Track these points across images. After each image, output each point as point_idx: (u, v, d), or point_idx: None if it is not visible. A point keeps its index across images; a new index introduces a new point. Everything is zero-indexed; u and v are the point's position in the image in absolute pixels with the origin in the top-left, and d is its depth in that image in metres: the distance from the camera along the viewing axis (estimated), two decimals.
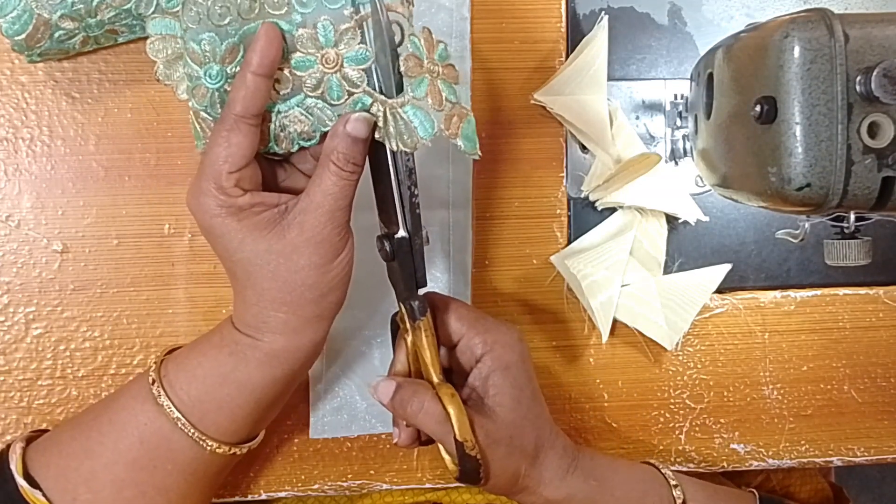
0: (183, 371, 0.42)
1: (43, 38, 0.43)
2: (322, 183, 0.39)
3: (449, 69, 0.41)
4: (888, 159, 0.38)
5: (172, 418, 0.41)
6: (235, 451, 0.43)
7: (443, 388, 0.43)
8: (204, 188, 0.38)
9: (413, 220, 0.42)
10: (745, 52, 0.43)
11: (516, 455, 0.43)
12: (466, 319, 0.45)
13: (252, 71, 0.37)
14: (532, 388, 0.45)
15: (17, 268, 0.50)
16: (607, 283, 0.53)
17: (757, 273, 0.57)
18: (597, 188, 0.54)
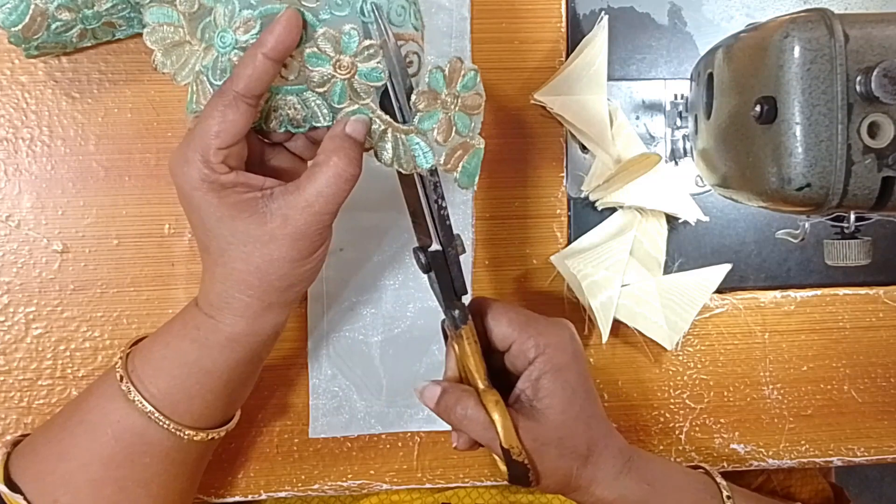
0: (149, 364, 0.41)
1: (40, 29, 0.43)
2: (316, 182, 0.38)
3: (473, 98, 0.41)
4: (888, 159, 0.38)
5: (145, 412, 0.41)
6: (213, 436, 0.43)
7: (487, 395, 0.43)
8: (189, 157, 0.37)
9: (444, 232, 0.42)
10: (745, 52, 0.43)
11: (567, 456, 0.43)
12: (517, 323, 0.44)
13: (264, 52, 0.37)
14: (585, 387, 0.45)
15: (17, 268, 0.50)
16: (607, 283, 0.53)
17: (757, 273, 0.57)
18: (597, 188, 0.54)
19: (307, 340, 0.53)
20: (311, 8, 0.38)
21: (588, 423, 0.44)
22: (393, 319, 0.54)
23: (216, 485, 0.53)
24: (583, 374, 0.45)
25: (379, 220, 0.53)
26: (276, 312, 0.41)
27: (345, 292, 0.53)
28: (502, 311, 0.45)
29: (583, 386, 0.44)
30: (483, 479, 0.56)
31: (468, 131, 0.41)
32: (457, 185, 0.42)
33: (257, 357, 0.43)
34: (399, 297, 0.54)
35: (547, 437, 0.43)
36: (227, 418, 0.45)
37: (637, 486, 0.45)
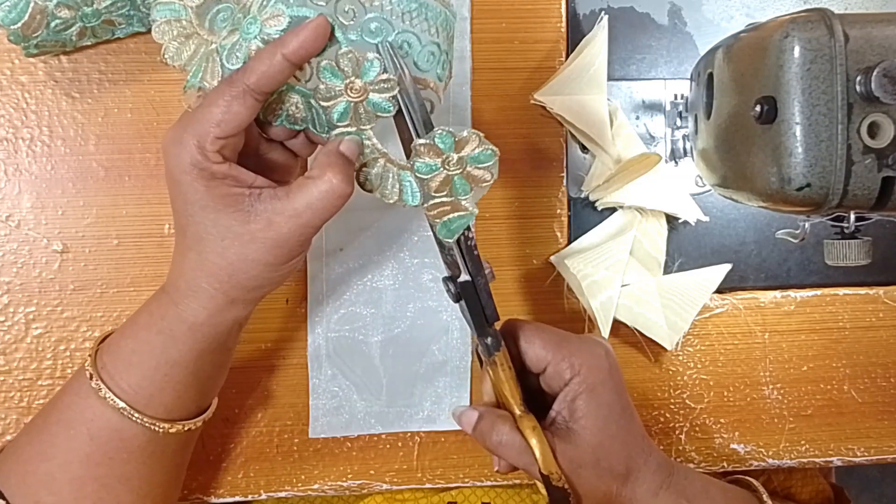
0: (119, 360, 0.41)
1: (39, 27, 0.43)
2: (308, 193, 0.38)
3: (482, 172, 0.40)
4: (888, 159, 0.38)
5: (118, 408, 0.41)
6: (190, 427, 0.43)
7: (524, 420, 0.43)
8: (184, 140, 0.37)
9: (472, 261, 0.43)
10: (745, 52, 0.43)
11: (606, 477, 0.43)
12: (551, 344, 0.44)
13: (285, 53, 0.36)
14: (622, 404, 0.44)
15: (17, 268, 0.50)
16: (607, 283, 0.53)
17: (757, 273, 0.57)
18: (597, 188, 0.54)
19: (307, 340, 0.53)
20: (344, 25, 0.38)
21: (625, 442, 0.44)
22: (393, 319, 0.54)
23: (216, 485, 0.53)
24: (619, 392, 0.44)
25: (379, 219, 0.53)
26: (239, 308, 0.41)
27: (345, 292, 0.53)
28: (535, 333, 0.45)
29: (619, 404, 0.44)
30: (483, 479, 0.56)
31: (465, 196, 0.41)
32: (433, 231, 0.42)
33: (222, 347, 0.43)
34: (399, 297, 0.54)
35: (584, 459, 0.42)
36: (202, 409, 0.45)
37: (677, 502, 0.45)
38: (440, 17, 0.40)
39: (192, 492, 0.53)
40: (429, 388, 0.54)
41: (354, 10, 0.38)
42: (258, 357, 0.53)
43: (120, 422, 0.41)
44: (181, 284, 0.40)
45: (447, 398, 0.54)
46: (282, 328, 0.53)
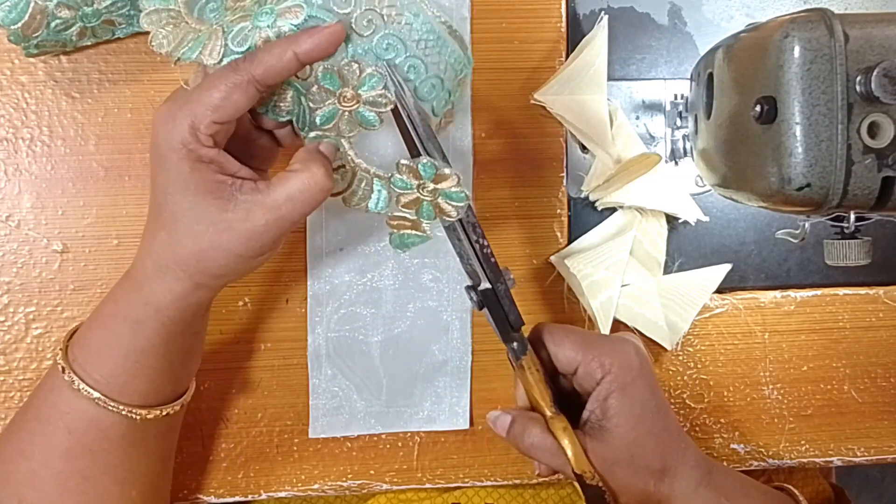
0: (89, 352, 0.41)
1: (39, 27, 0.43)
2: (289, 186, 0.38)
3: (448, 207, 0.41)
4: (888, 159, 0.38)
5: (93, 399, 0.40)
6: (168, 412, 0.43)
7: (555, 422, 0.43)
8: (179, 118, 0.37)
9: (491, 269, 0.43)
10: (745, 52, 0.43)
11: (641, 474, 0.43)
12: (580, 345, 0.44)
13: (296, 51, 0.36)
14: (655, 401, 0.44)
15: (17, 268, 0.50)
16: (607, 283, 0.53)
17: (757, 273, 0.57)
18: (597, 188, 0.54)
19: (307, 340, 0.53)
20: (358, 36, 0.38)
21: (659, 438, 0.44)
22: (393, 319, 0.54)
23: (216, 485, 0.53)
24: (651, 389, 0.44)
25: (379, 219, 0.53)
26: (203, 292, 0.40)
27: (345, 292, 0.53)
28: (564, 335, 0.45)
29: (652, 401, 0.44)
30: (483, 479, 0.56)
31: (428, 221, 0.42)
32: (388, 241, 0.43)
33: (189, 330, 0.42)
34: (399, 297, 0.54)
35: (618, 457, 0.42)
36: (179, 393, 0.45)
37: (715, 499, 0.44)
38: (454, 56, 0.41)
39: (192, 492, 0.53)
40: (429, 388, 0.54)
41: (374, 23, 0.39)
42: (258, 357, 0.53)
43: (96, 412, 0.41)
44: (148, 264, 0.40)
45: (447, 398, 0.55)
46: (282, 328, 0.53)
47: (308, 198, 0.38)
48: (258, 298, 0.53)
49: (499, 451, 0.56)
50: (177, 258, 0.39)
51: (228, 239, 0.38)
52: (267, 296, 0.53)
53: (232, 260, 0.39)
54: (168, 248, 0.39)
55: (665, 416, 0.45)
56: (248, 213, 0.38)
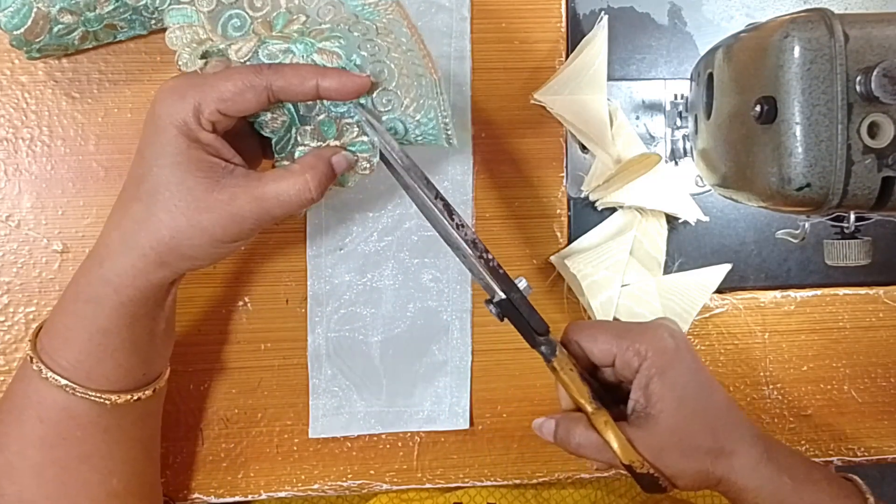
0: (54, 338, 0.41)
1: (42, 32, 0.43)
2: (280, 185, 0.38)
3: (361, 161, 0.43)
4: (888, 159, 0.38)
5: (62, 387, 0.40)
6: (140, 396, 0.43)
7: (597, 417, 0.43)
8: (187, 96, 0.37)
9: (500, 281, 0.44)
10: (745, 52, 0.43)
11: (693, 455, 0.43)
12: (613, 336, 0.44)
13: (321, 83, 0.38)
14: (698, 381, 0.44)
15: (17, 268, 0.50)
16: (607, 283, 0.53)
17: (757, 273, 0.57)
18: (597, 188, 0.54)
19: (307, 340, 0.53)
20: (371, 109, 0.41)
21: (707, 418, 0.43)
22: (393, 319, 0.54)
23: (216, 485, 0.53)
24: (692, 370, 0.44)
25: (379, 219, 0.53)
26: (165, 273, 0.40)
27: (345, 292, 0.53)
28: (596, 330, 0.45)
29: (694, 381, 0.44)
30: (483, 479, 0.56)
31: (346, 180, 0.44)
32: None
33: (151, 313, 0.42)
34: (399, 297, 0.54)
35: (666, 442, 0.42)
36: (151, 378, 0.44)
37: (777, 478, 0.44)
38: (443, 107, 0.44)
39: (192, 491, 0.53)
40: (429, 388, 0.54)
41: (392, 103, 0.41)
42: (258, 357, 0.53)
43: (66, 400, 0.41)
44: (114, 238, 0.39)
45: (447, 398, 0.55)
46: (282, 328, 0.53)
47: (294, 201, 0.39)
48: (258, 298, 0.53)
49: (499, 451, 0.56)
50: (148, 232, 0.38)
51: (208, 219, 0.38)
52: (267, 296, 0.53)
53: (206, 241, 0.39)
54: (141, 222, 0.38)
55: (712, 394, 0.44)
56: (234, 198, 0.38)
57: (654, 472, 0.42)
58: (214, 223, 0.38)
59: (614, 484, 0.59)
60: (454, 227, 0.43)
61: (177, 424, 0.53)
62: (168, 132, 0.37)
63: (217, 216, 0.38)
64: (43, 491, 0.41)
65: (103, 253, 0.40)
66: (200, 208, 0.38)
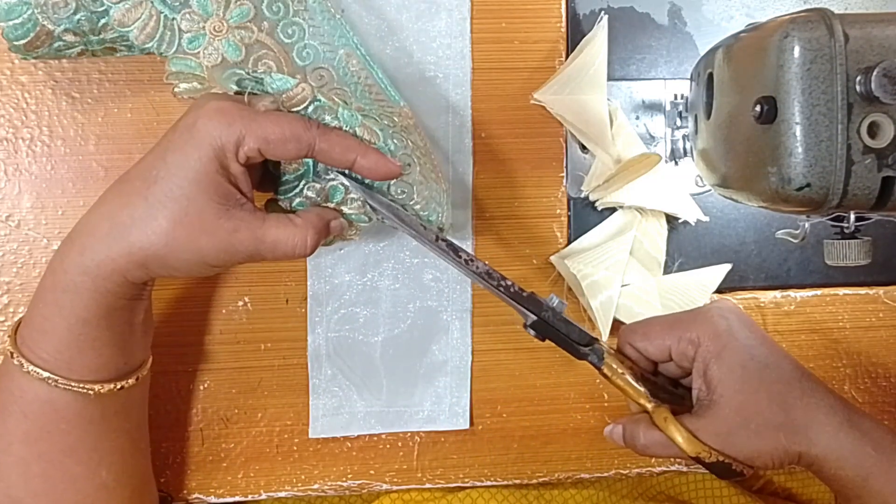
0: (34, 330, 0.41)
1: (42, 45, 0.43)
2: (281, 232, 0.40)
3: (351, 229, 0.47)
4: (888, 159, 0.38)
5: (43, 379, 0.40)
6: (123, 385, 0.42)
7: (657, 414, 0.43)
8: (234, 124, 0.38)
9: (526, 304, 0.45)
10: (745, 52, 0.43)
11: (765, 433, 0.42)
12: (664, 330, 0.45)
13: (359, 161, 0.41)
14: (758, 357, 0.43)
15: (17, 268, 0.50)
16: (607, 283, 0.53)
17: (757, 273, 0.57)
18: (597, 188, 0.54)
19: (307, 340, 0.53)
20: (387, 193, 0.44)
21: (773, 392, 0.42)
22: (393, 319, 0.54)
23: (216, 485, 0.53)
24: (750, 345, 0.43)
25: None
26: (141, 274, 0.40)
27: (345, 292, 0.53)
28: (646, 328, 0.45)
29: (754, 359, 0.43)
30: (483, 479, 0.56)
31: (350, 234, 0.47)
32: None
33: (129, 305, 0.42)
34: (399, 297, 0.54)
35: (732, 425, 0.41)
36: (133, 367, 0.44)
37: (860, 447, 0.42)
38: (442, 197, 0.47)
39: (192, 491, 0.53)
40: (429, 388, 0.54)
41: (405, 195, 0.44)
42: (258, 357, 0.53)
43: (49, 393, 0.40)
44: (102, 227, 0.39)
45: (447, 398, 0.55)
46: (282, 328, 0.53)
47: (288, 253, 0.41)
48: (258, 298, 0.53)
49: (499, 451, 0.56)
50: (143, 233, 0.38)
51: (207, 241, 0.39)
52: (267, 296, 0.53)
53: (195, 259, 0.39)
54: (138, 221, 0.38)
55: (777, 368, 0.43)
56: (236, 230, 0.39)
57: (725, 459, 0.41)
58: (210, 247, 0.39)
59: (616, 485, 0.59)
60: (463, 264, 0.44)
61: (177, 424, 0.53)
62: (203, 150, 0.38)
63: (215, 242, 0.39)
64: (29, 487, 0.41)
65: (86, 241, 0.39)
66: (203, 230, 0.39)
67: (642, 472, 0.57)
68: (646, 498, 0.58)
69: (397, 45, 0.52)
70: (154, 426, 0.51)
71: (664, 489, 0.58)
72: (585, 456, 0.56)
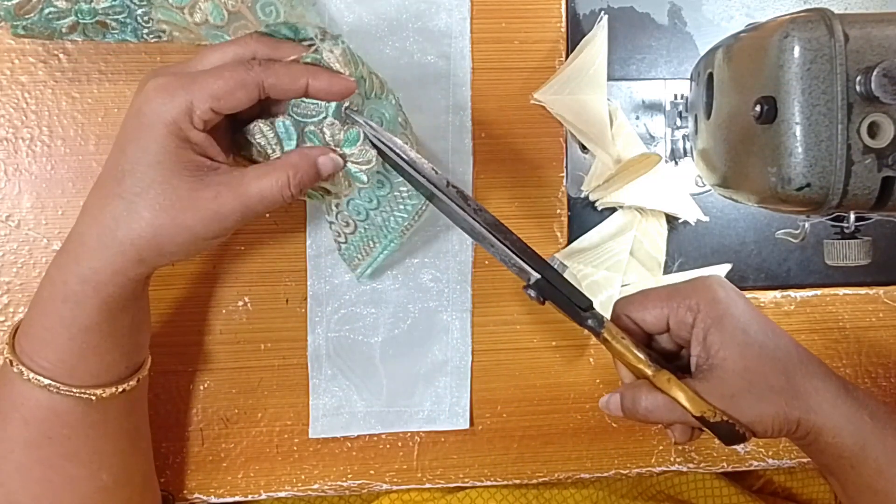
0: (34, 339, 0.40)
1: (33, 10, 0.42)
2: (262, 182, 0.39)
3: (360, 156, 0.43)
4: (888, 159, 0.38)
5: (45, 387, 0.40)
6: (124, 388, 0.42)
7: (658, 377, 0.42)
8: (177, 95, 0.37)
9: (532, 260, 0.43)
10: (745, 52, 0.43)
11: (767, 397, 0.41)
12: (662, 299, 0.44)
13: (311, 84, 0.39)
14: (758, 324, 0.43)
15: (17, 268, 0.50)
16: (607, 283, 0.53)
17: (757, 273, 0.57)
18: (597, 188, 0.54)
19: (307, 340, 0.53)
20: None
21: (774, 358, 0.42)
22: (393, 319, 0.54)
23: (216, 485, 0.53)
24: (749, 315, 0.43)
25: None
26: (142, 269, 0.40)
27: (345, 292, 0.53)
28: (643, 299, 0.45)
29: (754, 325, 0.43)
30: (483, 479, 0.56)
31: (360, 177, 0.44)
32: None
33: (132, 306, 0.41)
34: (399, 297, 0.54)
35: (736, 388, 0.41)
36: (133, 368, 0.44)
37: (857, 415, 0.42)
38: None
39: (192, 491, 0.53)
40: (429, 388, 0.54)
41: None
42: (258, 357, 0.53)
43: (50, 399, 0.40)
44: (91, 235, 0.39)
45: (447, 398, 0.55)
46: (282, 328, 0.53)
47: (276, 199, 0.39)
48: (258, 298, 0.53)
49: (499, 451, 0.56)
50: (129, 229, 0.38)
51: (192, 217, 0.38)
52: (267, 296, 0.53)
53: (188, 238, 0.39)
54: (122, 220, 0.38)
55: (776, 337, 0.43)
56: (217, 195, 0.38)
57: (729, 419, 0.41)
58: (197, 221, 0.38)
59: (616, 484, 0.59)
60: (472, 213, 0.43)
61: (177, 424, 0.53)
62: (156, 130, 0.37)
63: (201, 215, 0.38)
64: (29, 490, 0.41)
65: (79, 250, 0.39)
66: (185, 207, 0.38)
67: (642, 471, 0.57)
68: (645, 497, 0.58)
69: (397, 45, 0.52)
70: (154, 426, 0.51)
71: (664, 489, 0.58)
72: (585, 456, 0.56)
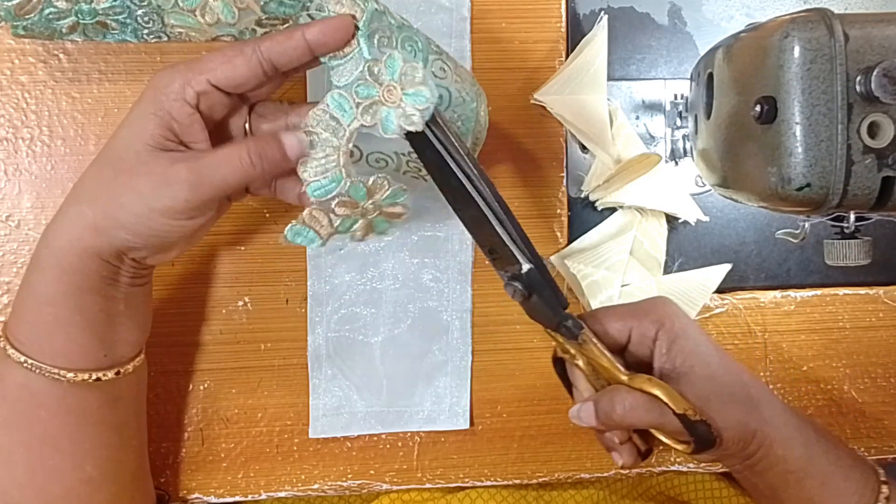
0: (13, 316, 0.41)
1: (33, 10, 0.42)
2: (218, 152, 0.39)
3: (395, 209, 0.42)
4: (888, 159, 0.38)
5: (21, 363, 0.40)
6: (98, 377, 0.42)
7: (636, 379, 0.42)
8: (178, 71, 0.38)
9: (530, 247, 0.41)
10: (745, 52, 0.43)
11: (732, 405, 0.42)
12: (625, 314, 0.45)
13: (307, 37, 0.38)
14: (709, 343, 0.44)
15: (17, 268, 0.50)
16: (607, 283, 0.53)
17: (757, 273, 0.57)
18: (597, 188, 0.54)
19: (307, 340, 0.53)
20: None
21: (732, 371, 0.44)
22: (393, 319, 0.54)
23: (216, 485, 0.53)
24: (701, 332, 0.45)
25: None
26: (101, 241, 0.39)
27: (345, 292, 0.53)
28: (605, 314, 0.45)
29: (707, 342, 0.45)
30: (483, 479, 0.56)
31: (383, 230, 0.43)
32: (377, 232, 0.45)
33: (98, 289, 0.41)
34: (399, 296, 0.54)
35: (706, 391, 0.42)
36: (115, 361, 0.43)
37: (805, 428, 0.44)
38: None
39: (192, 491, 0.53)
40: (429, 388, 0.54)
41: None
42: (258, 357, 0.53)
43: (25, 377, 0.40)
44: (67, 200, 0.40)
45: (447, 398, 0.55)
46: (282, 328, 0.53)
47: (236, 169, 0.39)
48: (258, 298, 0.53)
49: (499, 451, 0.56)
50: (89, 194, 0.39)
51: (144, 182, 0.38)
52: (267, 296, 0.53)
53: (141, 208, 0.38)
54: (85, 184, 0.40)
55: (726, 356, 0.45)
56: (172, 162, 0.38)
57: (706, 420, 0.41)
58: (148, 186, 0.38)
59: (616, 485, 0.59)
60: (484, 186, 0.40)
61: (177, 424, 0.53)
62: (143, 105, 0.39)
63: (152, 179, 0.38)
64: (13, 477, 0.41)
65: (57, 216, 0.40)
66: (139, 172, 0.38)
67: (642, 472, 0.57)
68: (645, 498, 0.58)
69: None
70: (154, 426, 0.51)
71: (664, 489, 0.58)
72: (585, 456, 0.56)
